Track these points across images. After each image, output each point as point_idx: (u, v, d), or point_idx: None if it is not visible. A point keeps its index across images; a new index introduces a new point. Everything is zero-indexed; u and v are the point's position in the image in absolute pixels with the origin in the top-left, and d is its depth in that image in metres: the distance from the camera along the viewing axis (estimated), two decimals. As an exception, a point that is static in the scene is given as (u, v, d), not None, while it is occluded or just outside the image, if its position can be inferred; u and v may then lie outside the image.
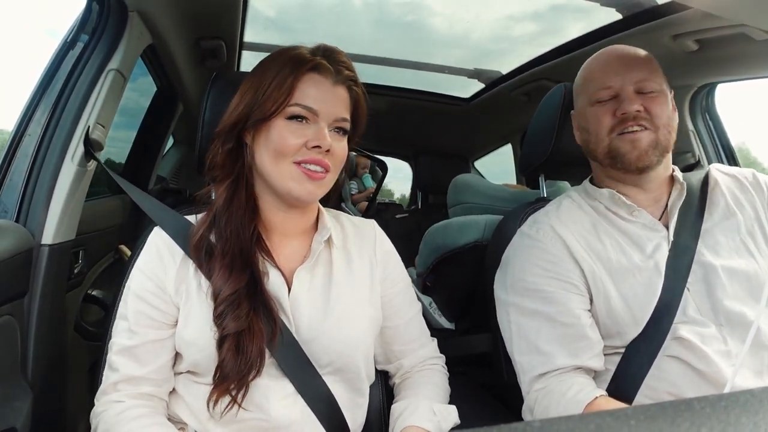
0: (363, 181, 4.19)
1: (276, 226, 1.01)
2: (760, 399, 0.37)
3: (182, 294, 0.93)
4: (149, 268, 0.95)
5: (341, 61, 0.99)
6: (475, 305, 1.75)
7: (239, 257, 0.92)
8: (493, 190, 1.96)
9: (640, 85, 1.11)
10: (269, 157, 0.93)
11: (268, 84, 0.93)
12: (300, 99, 0.92)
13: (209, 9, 1.75)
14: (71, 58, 1.34)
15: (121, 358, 0.93)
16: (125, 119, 2.15)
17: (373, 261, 1.07)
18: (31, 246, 1.16)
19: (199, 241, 0.94)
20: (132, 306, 0.94)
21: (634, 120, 1.09)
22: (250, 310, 0.87)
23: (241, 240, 0.94)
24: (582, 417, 0.35)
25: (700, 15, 1.38)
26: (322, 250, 1.01)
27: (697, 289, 1.06)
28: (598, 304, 1.09)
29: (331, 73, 0.96)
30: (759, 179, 1.21)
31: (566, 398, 1.00)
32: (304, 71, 0.94)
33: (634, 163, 1.10)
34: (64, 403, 1.28)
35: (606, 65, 1.16)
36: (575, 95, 1.25)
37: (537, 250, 1.15)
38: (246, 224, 0.95)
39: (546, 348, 1.07)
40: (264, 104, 0.92)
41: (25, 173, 1.22)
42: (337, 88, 0.97)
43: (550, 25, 2.19)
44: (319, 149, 0.92)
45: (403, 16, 2.52)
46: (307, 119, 0.93)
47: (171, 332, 0.94)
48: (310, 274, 0.99)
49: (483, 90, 2.81)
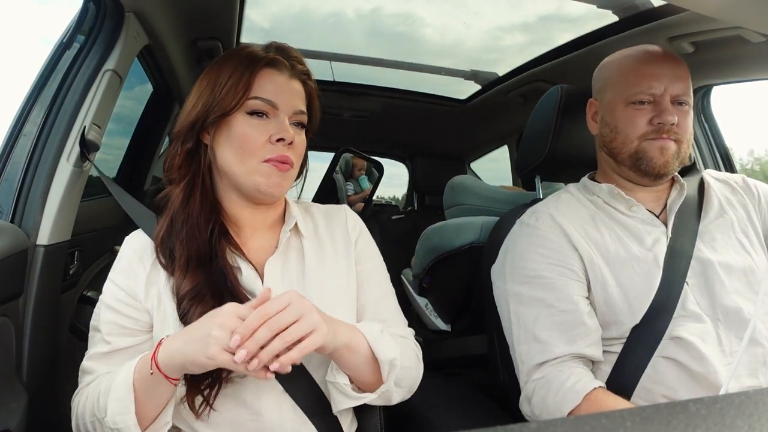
0: (359, 182, 4.18)
1: (244, 221, 1.01)
2: (755, 401, 0.38)
3: (153, 298, 0.93)
4: (120, 278, 0.96)
5: (294, 56, 1.00)
6: (472, 306, 1.75)
7: (195, 257, 0.92)
8: (489, 191, 1.96)
9: (679, 97, 1.12)
10: (233, 155, 0.94)
11: (225, 81, 0.93)
12: (258, 93, 0.93)
13: (206, 10, 1.75)
14: (67, 59, 1.33)
15: (95, 363, 0.94)
16: (121, 127, 2.15)
17: (347, 242, 1.07)
18: (26, 246, 1.15)
19: (160, 244, 0.95)
20: (104, 317, 0.94)
21: (667, 132, 1.10)
22: (216, 306, 0.86)
23: (198, 241, 0.93)
24: (577, 419, 0.35)
25: (696, 17, 1.38)
26: (292, 240, 1.01)
27: (696, 284, 1.08)
28: (595, 291, 1.09)
29: (287, 68, 0.98)
30: (749, 183, 1.24)
31: (565, 388, 1.00)
32: (259, 67, 0.95)
33: (658, 169, 1.11)
34: (59, 405, 1.27)
35: (653, 67, 1.14)
36: (602, 85, 1.22)
37: (536, 238, 1.16)
38: (202, 225, 0.95)
39: (544, 336, 1.08)
40: (222, 100, 0.92)
41: (20, 173, 1.22)
42: (292, 82, 0.98)
43: (539, 36, 2.23)
44: (283, 142, 0.93)
45: (395, 27, 2.57)
46: (267, 114, 0.94)
47: (146, 338, 0.94)
48: (282, 265, 0.99)
49: (479, 92, 2.81)
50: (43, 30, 1.65)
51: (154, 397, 0.86)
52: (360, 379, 0.94)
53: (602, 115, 1.21)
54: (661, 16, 1.48)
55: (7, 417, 1.03)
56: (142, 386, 0.85)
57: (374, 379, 0.94)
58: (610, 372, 1.07)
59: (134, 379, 0.85)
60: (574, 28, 1.94)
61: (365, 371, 0.93)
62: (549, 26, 2.22)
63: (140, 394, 0.85)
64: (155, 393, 0.85)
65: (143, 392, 0.85)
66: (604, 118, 1.20)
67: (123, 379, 0.85)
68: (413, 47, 2.61)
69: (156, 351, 0.84)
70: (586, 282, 1.11)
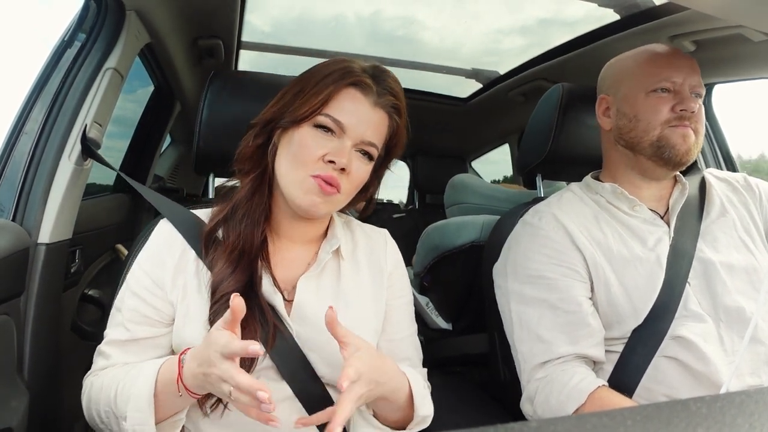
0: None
1: (284, 231, 0.99)
2: (756, 400, 0.38)
3: (179, 288, 0.92)
4: (148, 264, 0.94)
5: (389, 86, 0.95)
6: (473, 305, 1.75)
7: (245, 255, 0.91)
8: (490, 190, 1.96)
9: (695, 89, 1.13)
10: (288, 161, 0.91)
11: (309, 89, 0.91)
12: (332, 111, 0.90)
13: (207, 8, 1.75)
14: (68, 57, 1.33)
15: (112, 349, 0.93)
16: (122, 129, 2.16)
17: (383, 269, 1.04)
18: (27, 245, 1.15)
19: (211, 231, 0.94)
20: (127, 302, 0.93)
21: (689, 119, 1.11)
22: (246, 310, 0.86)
23: (253, 238, 0.93)
24: (579, 417, 0.35)
25: (698, 16, 1.38)
26: (329, 259, 0.99)
27: (698, 284, 1.08)
28: (598, 291, 1.09)
29: (373, 93, 0.92)
30: (750, 182, 1.25)
31: (568, 387, 1.00)
32: (345, 84, 0.91)
33: (681, 156, 1.11)
34: (60, 403, 1.27)
35: (671, 59, 1.15)
36: (615, 79, 1.22)
37: (540, 238, 1.16)
38: (260, 222, 0.94)
39: (547, 336, 1.08)
40: (298, 108, 0.90)
41: (21, 172, 1.22)
42: (375, 111, 0.93)
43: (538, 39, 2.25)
44: (334, 165, 0.88)
45: (395, 30, 2.58)
46: (333, 132, 0.90)
47: (165, 330, 0.93)
48: (316, 283, 0.97)
49: (480, 90, 2.81)
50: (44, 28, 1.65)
51: (175, 405, 0.86)
52: (386, 417, 0.94)
53: (617, 107, 1.20)
54: (663, 14, 1.48)
55: (8, 415, 1.04)
56: (165, 399, 0.84)
57: (401, 417, 0.94)
58: (611, 371, 1.07)
59: (156, 389, 0.83)
60: (573, 32, 1.96)
61: (394, 415, 0.93)
62: (548, 29, 2.23)
63: (162, 404, 0.84)
64: (177, 403, 0.85)
65: (165, 403, 0.84)
66: (620, 110, 1.19)
67: (144, 389, 0.84)
68: (413, 50, 2.63)
69: (180, 372, 0.82)
70: (590, 282, 1.11)
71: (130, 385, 0.85)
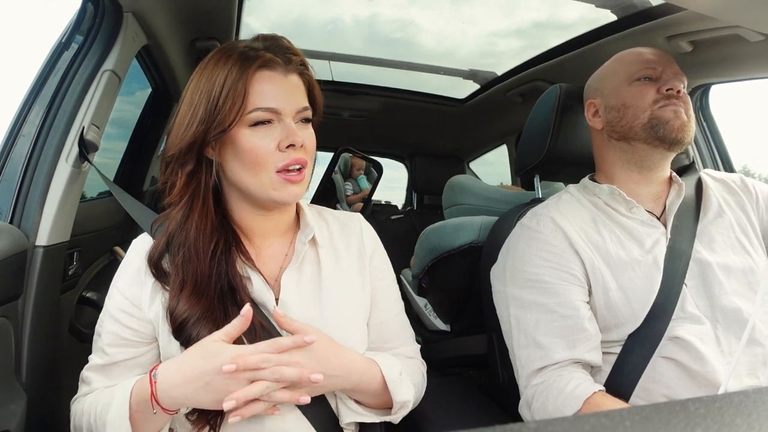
0: (358, 182, 4.19)
1: (255, 229, 0.98)
2: (754, 400, 0.38)
3: (158, 307, 0.91)
4: (125, 286, 0.93)
5: (286, 47, 0.94)
6: (471, 306, 1.75)
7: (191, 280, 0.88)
8: (488, 191, 1.96)
9: (677, 76, 1.14)
10: (244, 169, 0.89)
11: (218, 92, 0.86)
12: (257, 102, 0.87)
13: (204, 10, 1.75)
14: (66, 59, 1.33)
15: (93, 374, 0.93)
16: (121, 131, 2.16)
17: (363, 253, 1.04)
18: (25, 247, 1.15)
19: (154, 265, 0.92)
20: (106, 326, 0.93)
21: (676, 98, 1.12)
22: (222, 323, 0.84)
23: (196, 263, 0.89)
24: (577, 418, 0.35)
25: (695, 16, 1.38)
26: (307, 249, 0.98)
27: (695, 285, 1.08)
28: (596, 295, 1.09)
29: (281, 65, 0.90)
30: (747, 182, 1.25)
31: (565, 393, 1.00)
32: (252, 71, 0.87)
33: (675, 131, 1.11)
34: (58, 406, 1.27)
35: (648, 52, 1.18)
36: (600, 81, 1.25)
37: (538, 242, 1.15)
38: (201, 247, 0.90)
39: (544, 341, 1.08)
40: (220, 116, 0.86)
41: (19, 174, 1.21)
42: (289, 78, 0.91)
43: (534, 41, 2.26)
44: (294, 147, 0.88)
45: (392, 33, 2.59)
46: (271, 120, 0.88)
47: (146, 349, 0.93)
48: (298, 276, 0.96)
49: (478, 91, 2.81)
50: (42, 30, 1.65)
51: (153, 424, 0.86)
52: (366, 404, 0.95)
53: (605, 105, 1.21)
54: (660, 14, 1.48)
55: (6, 418, 1.03)
56: (141, 418, 0.85)
57: (382, 402, 0.95)
58: (609, 373, 1.07)
59: (131, 410, 0.84)
60: (568, 35, 1.97)
61: (373, 401, 0.95)
62: (543, 32, 2.25)
63: (139, 424, 0.85)
64: (154, 422, 0.86)
65: (141, 422, 0.85)
66: (608, 105, 1.20)
67: (119, 413, 0.84)
68: (410, 52, 2.65)
69: (153, 389, 0.82)
70: (588, 286, 1.11)
71: (105, 412, 0.85)
